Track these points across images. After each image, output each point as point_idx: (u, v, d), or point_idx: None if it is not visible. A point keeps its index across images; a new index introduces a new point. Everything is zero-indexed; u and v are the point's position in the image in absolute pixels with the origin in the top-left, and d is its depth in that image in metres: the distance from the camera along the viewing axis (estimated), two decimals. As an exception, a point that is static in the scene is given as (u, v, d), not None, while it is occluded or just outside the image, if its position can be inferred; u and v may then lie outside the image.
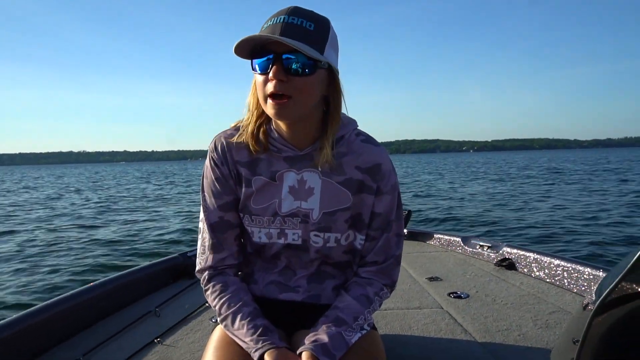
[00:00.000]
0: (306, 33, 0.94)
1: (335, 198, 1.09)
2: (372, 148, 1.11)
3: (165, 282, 2.49)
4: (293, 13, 0.94)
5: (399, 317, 1.92)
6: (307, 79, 0.95)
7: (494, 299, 2.12)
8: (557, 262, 2.35)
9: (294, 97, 0.95)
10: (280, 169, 1.09)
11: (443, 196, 14.77)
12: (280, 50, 0.93)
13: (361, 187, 1.09)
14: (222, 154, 1.10)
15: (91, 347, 1.66)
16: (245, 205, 1.11)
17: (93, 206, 15.14)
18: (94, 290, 2.02)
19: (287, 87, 0.94)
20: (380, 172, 1.10)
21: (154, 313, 2.01)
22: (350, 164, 1.09)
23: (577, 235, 7.31)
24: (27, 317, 1.66)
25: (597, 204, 11.27)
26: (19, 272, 5.88)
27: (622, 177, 20.92)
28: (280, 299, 1.15)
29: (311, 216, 1.09)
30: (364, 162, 1.09)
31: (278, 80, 0.93)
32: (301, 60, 0.94)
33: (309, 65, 0.95)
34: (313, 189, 1.08)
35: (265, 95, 0.97)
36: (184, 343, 1.72)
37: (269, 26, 0.95)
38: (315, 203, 1.08)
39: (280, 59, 0.93)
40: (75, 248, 7.45)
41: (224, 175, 1.11)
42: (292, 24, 0.93)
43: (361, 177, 1.09)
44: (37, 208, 15.09)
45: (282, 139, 1.07)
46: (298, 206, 1.09)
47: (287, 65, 0.94)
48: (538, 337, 1.69)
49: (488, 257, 2.85)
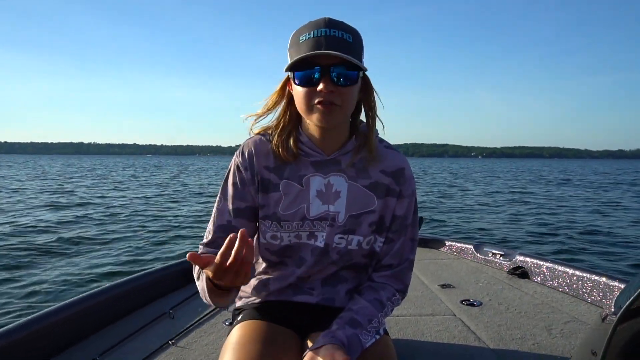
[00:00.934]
0: (348, 45, 0.99)
1: (361, 201, 1.12)
2: (396, 154, 1.17)
3: (179, 284, 2.51)
4: (331, 25, 1.00)
5: (411, 323, 1.91)
6: (352, 88, 1.02)
7: (507, 307, 2.11)
8: (571, 271, 2.33)
9: (341, 106, 1.01)
10: (307, 173, 1.12)
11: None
12: (327, 63, 0.98)
13: (387, 190, 1.13)
14: (248, 159, 1.13)
15: (107, 348, 1.68)
16: (273, 212, 1.12)
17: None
18: (109, 292, 2.04)
19: (335, 97, 0.99)
20: (403, 176, 1.15)
21: (168, 315, 2.03)
22: (375, 168, 1.13)
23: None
24: (45, 317, 1.69)
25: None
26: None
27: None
28: (294, 301, 1.17)
29: (337, 219, 1.11)
30: (389, 167, 1.14)
31: (329, 91, 0.98)
32: (347, 71, 0.99)
33: (354, 75, 1.00)
34: (340, 192, 1.11)
35: (312, 104, 1.01)
36: (198, 345, 1.73)
37: (310, 39, 0.99)
38: (342, 206, 1.11)
39: (329, 71, 0.98)
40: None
41: (244, 181, 1.13)
42: (335, 37, 0.98)
43: (386, 181, 1.13)
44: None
45: (312, 143, 1.11)
46: (326, 210, 1.11)
47: (334, 77, 0.98)
48: (553, 346, 1.67)
49: (500, 265, 2.83)
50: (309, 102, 1.01)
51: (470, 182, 28.27)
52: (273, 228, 1.13)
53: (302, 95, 1.01)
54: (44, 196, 15.13)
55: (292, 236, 1.12)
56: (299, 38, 1.01)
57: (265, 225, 1.14)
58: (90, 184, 21.93)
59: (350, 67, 0.99)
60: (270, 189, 1.12)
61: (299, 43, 1.00)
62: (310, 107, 1.01)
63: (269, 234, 1.14)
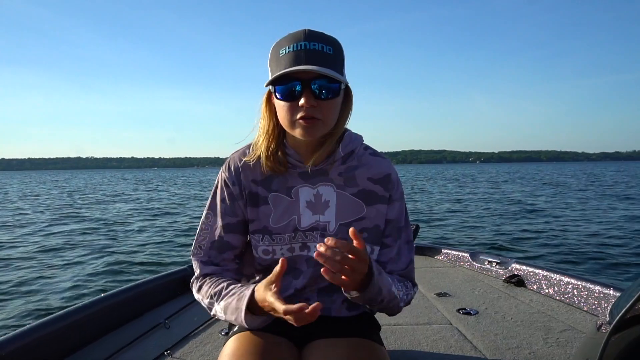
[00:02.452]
0: (328, 58, 0.99)
1: (350, 209, 1.13)
2: (381, 160, 1.18)
3: (174, 294, 2.50)
4: (311, 38, 0.98)
5: (408, 332, 1.91)
6: (334, 101, 1.02)
7: (503, 316, 2.11)
8: (566, 279, 2.34)
9: (322, 119, 1.01)
10: (295, 184, 1.12)
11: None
12: (308, 77, 0.98)
13: (374, 197, 1.14)
14: (235, 174, 1.13)
15: (103, 358, 1.67)
16: (264, 226, 1.12)
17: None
18: (104, 302, 2.03)
19: (317, 111, 0.99)
20: (390, 182, 1.16)
21: (164, 325, 2.02)
22: (362, 176, 1.14)
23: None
24: (41, 328, 1.67)
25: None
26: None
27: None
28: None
29: (328, 228, 1.11)
30: (375, 174, 1.15)
31: (310, 106, 0.98)
32: (328, 85, 0.99)
33: (335, 88, 1.00)
34: (329, 201, 1.12)
35: (294, 119, 1.01)
36: (194, 356, 1.72)
37: (290, 53, 0.98)
38: (332, 215, 1.12)
39: (309, 86, 0.98)
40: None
41: (232, 196, 1.14)
42: (315, 50, 0.98)
43: (374, 188, 1.14)
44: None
45: (297, 154, 1.11)
46: (317, 220, 1.12)
47: (316, 91, 0.98)
48: (549, 355, 1.68)
49: (497, 273, 2.84)
50: (291, 117, 1.01)
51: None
52: (265, 242, 1.12)
53: (284, 110, 1.01)
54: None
55: (284, 249, 1.12)
56: (279, 52, 1.00)
57: (256, 239, 1.13)
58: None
59: (331, 80, 0.98)
60: (259, 203, 1.12)
61: (278, 57, 1.00)
62: (293, 122, 1.01)
63: (260, 248, 1.13)
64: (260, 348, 1.04)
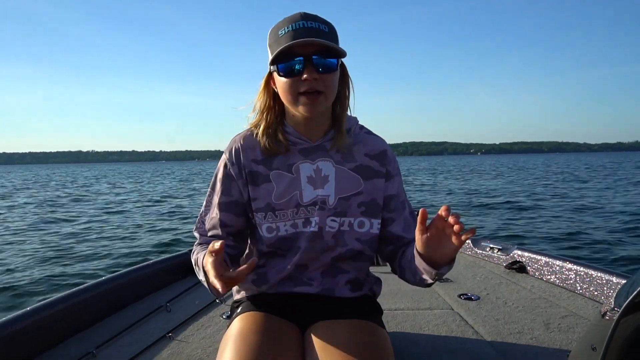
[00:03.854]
0: (325, 35, 1.04)
1: (348, 183, 1.16)
2: (376, 138, 1.24)
3: (176, 277, 2.50)
4: (307, 18, 1.05)
5: (409, 317, 1.91)
6: (334, 74, 1.07)
7: (505, 302, 2.11)
8: (569, 266, 2.33)
9: (325, 92, 1.06)
10: (295, 161, 1.16)
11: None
12: (308, 52, 1.02)
13: (371, 172, 1.19)
14: (235, 154, 1.17)
15: (104, 341, 1.67)
16: (267, 202, 1.15)
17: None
18: (106, 285, 2.03)
19: (319, 84, 1.04)
20: (387, 157, 1.22)
21: (165, 308, 2.02)
22: (359, 152, 1.19)
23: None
24: (41, 310, 1.68)
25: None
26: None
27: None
28: (295, 292, 1.18)
29: (328, 202, 1.15)
30: (372, 150, 1.21)
31: (313, 79, 1.03)
32: (327, 60, 1.04)
33: (333, 63, 1.06)
34: (328, 176, 1.16)
35: (297, 94, 1.05)
36: (195, 338, 1.73)
37: (289, 32, 1.03)
38: (331, 189, 1.15)
39: (311, 59, 1.03)
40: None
41: (230, 177, 1.18)
42: (312, 27, 1.04)
43: (370, 164, 1.19)
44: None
45: (297, 132, 1.15)
46: (317, 194, 1.15)
47: (317, 65, 1.03)
48: (550, 340, 1.68)
49: (498, 260, 2.83)
50: (294, 92, 1.05)
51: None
52: (269, 219, 1.15)
53: (286, 86, 1.06)
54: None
55: (288, 225, 1.15)
56: (278, 33, 1.05)
57: (259, 217, 1.15)
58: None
59: (330, 55, 1.04)
60: (260, 181, 1.15)
61: (278, 37, 1.05)
62: (296, 97, 1.06)
63: (264, 226, 1.15)
64: (264, 328, 1.06)
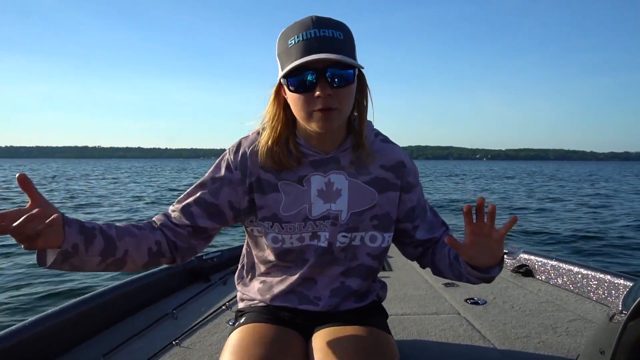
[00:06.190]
0: (340, 44, 0.95)
1: (362, 198, 1.11)
2: (393, 147, 1.16)
3: (182, 284, 2.50)
4: (319, 25, 0.95)
5: (416, 322, 1.90)
6: (350, 87, 0.98)
7: (512, 306, 2.09)
8: (576, 269, 2.31)
9: (339, 108, 0.97)
10: (306, 173, 1.09)
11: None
12: (322, 66, 0.93)
13: (386, 185, 1.13)
14: (241, 159, 1.09)
15: (111, 348, 1.68)
16: (273, 213, 1.09)
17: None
18: (112, 292, 2.04)
19: (333, 101, 0.95)
20: (405, 168, 1.15)
21: (172, 315, 2.02)
22: (375, 164, 1.12)
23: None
24: (49, 318, 1.68)
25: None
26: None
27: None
28: (299, 309, 1.15)
29: (340, 218, 1.09)
30: (388, 161, 1.13)
31: (327, 95, 0.94)
32: (342, 71, 0.95)
33: (350, 75, 0.96)
34: (340, 190, 1.09)
35: (311, 111, 0.97)
36: (202, 345, 1.73)
37: (300, 42, 0.94)
38: (344, 204, 1.09)
39: (324, 74, 0.94)
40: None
41: (229, 180, 1.10)
42: (325, 37, 0.94)
43: (386, 176, 1.12)
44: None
45: (308, 144, 1.08)
46: (328, 208, 1.09)
47: (331, 80, 0.94)
48: (559, 345, 1.66)
49: (505, 263, 2.82)
50: (308, 109, 0.96)
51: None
52: (275, 230, 1.10)
53: (299, 102, 0.97)
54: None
55: (294, 239, 1.10)
56: (288, 42, 0.96)
57: (265, 227, 1.11)
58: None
59: (344, 67, 0.94)
60: (268, 190, 1.09)
61: (288, 48, 0.95)
62: (309, 114, 0.97)
63: (270, 236, 1.11)
64: (265, 338, 1.03)
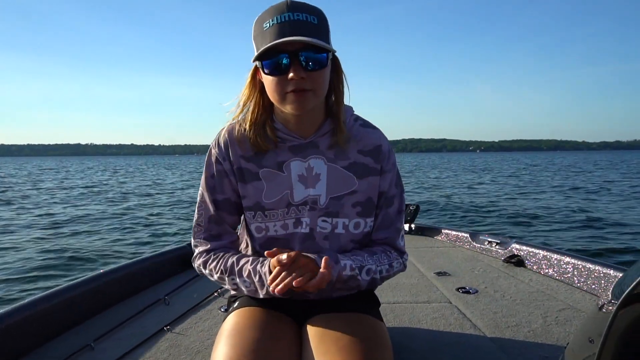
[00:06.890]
0: (313, 28, 0.96)
1: (341, 182, 1.11)
2: (371, 131, 1.16)
3: (174, 270, 2.50)
4: (294, 8, 0.96)
5: (407, 310, 1.92)
6: (323, 71, 0.99)
7: (503, 295, 2.11)
8: (566, 259, 2.33)
9: (313, 90, 0.98)
10: (286, 158, 1.10)
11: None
12: (295, 48, 0.95)
13: (366, 170, 1.12)
14: (224, 149, 1.11)
15: (102, 333, 1.67)
16: (256, 201, 1.10)
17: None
18: (104, 277, 2.03)
19: (307, 83, 0.97)
20: (382, 153, 1.14)
21: (164, 301, 2.02)
22: (353, 149, 1.12)
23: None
24: (40, 302, 1.68)
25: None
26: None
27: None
28: (292, 299, 1.14)
29: (319, 202, 1.10)
30: (366, 146, 1.13)
31: (300, 78, 0.95)
32: (315, 54, 0.96)
33: (323, 58, 0.97)
34: (319, 174, 1.10)
35: (284, 92, 0.98)
36: (194, 331, 1.73)
37: (274, 26, 0.95)
38: (322, 189, 1.10)
39: (298, 57, 0.95)
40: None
41: (222, 173, 1.12)
42: (299, 20, 0.95)
43: (364, 161, 1.12)
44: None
45: (286, 129, 1.09)
46: (308, 194, 1.10)
47: (304, 62, 0.95)
48: (548, 333, 1.68)
49: (496, 254, 2.84)
50: (281, 91, 0.98)
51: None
52: (258, 218, 1.11)
53: (273, 84, 0.99)
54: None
55: (278, 226, 1.10)
56: (263, 25, 0.97)
57: (248, 216, 1.12)
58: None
59: (318, 50, 0.96)
60: (249, 179, 1.10)
61: (263, 31, 0.97)
62: (283, 96, 0.98)
63: (253, 225, 1.12)
64: (260, 323, 1.04)
